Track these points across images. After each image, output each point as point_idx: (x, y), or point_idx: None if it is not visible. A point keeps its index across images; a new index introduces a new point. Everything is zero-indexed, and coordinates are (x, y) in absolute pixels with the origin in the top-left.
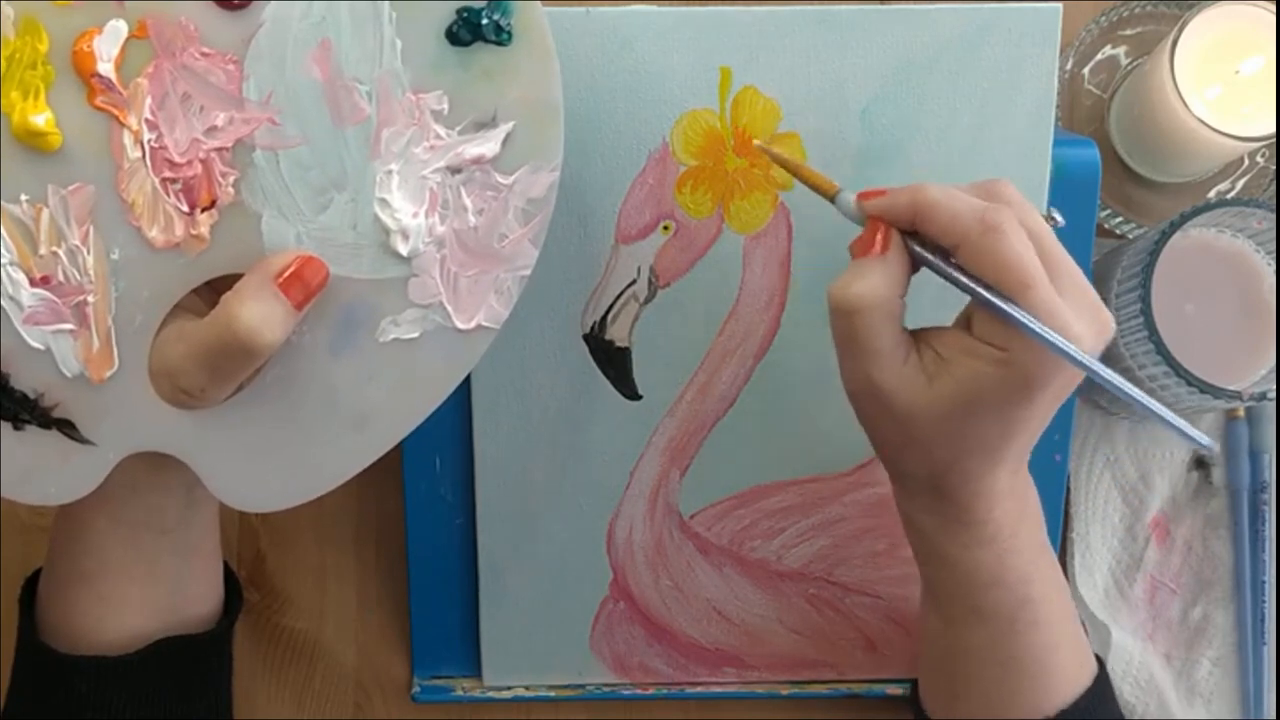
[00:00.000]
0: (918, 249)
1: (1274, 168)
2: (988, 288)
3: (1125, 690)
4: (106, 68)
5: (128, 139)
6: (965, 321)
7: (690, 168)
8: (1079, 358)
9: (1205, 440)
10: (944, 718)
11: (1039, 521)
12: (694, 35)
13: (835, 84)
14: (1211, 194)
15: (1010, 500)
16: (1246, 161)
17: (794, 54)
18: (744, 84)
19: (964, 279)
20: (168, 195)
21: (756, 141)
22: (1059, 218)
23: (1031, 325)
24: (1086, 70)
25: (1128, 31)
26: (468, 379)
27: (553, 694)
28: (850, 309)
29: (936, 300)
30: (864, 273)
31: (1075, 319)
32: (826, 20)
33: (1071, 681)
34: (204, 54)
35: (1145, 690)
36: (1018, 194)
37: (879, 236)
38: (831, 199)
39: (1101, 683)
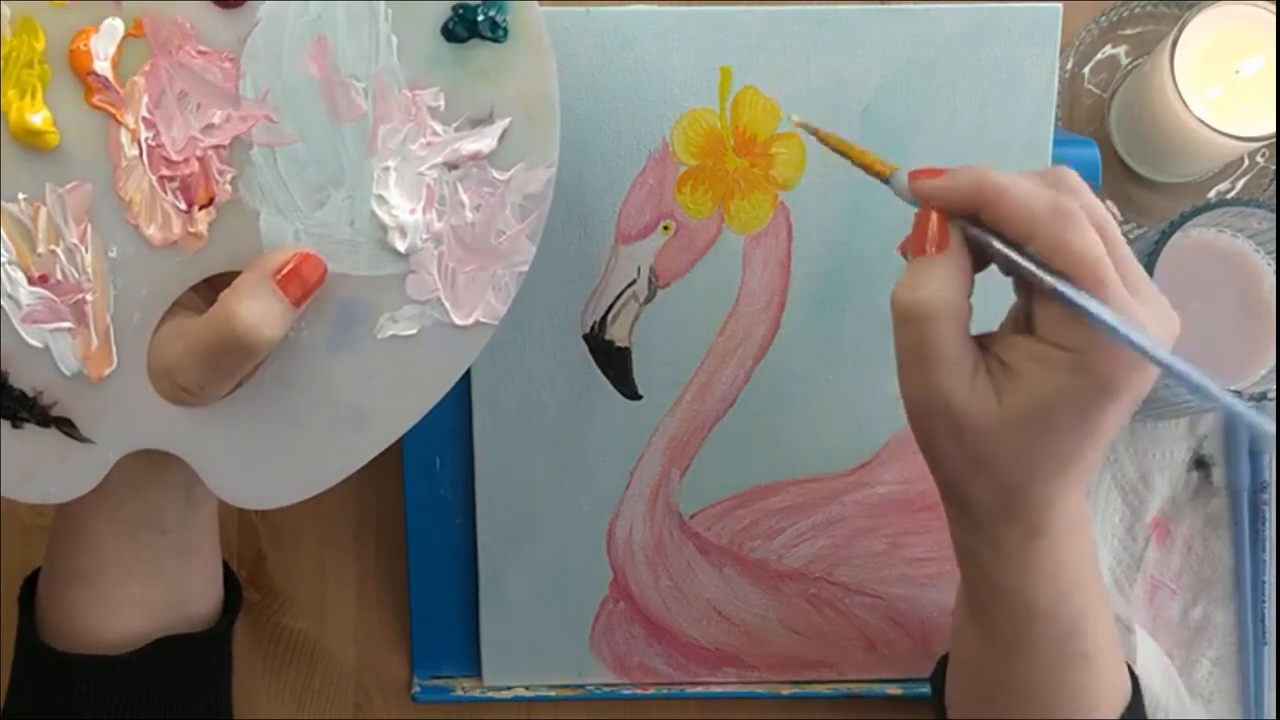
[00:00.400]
0: (987, 237)
1: (1274, 168)
2: (1064, 280)
3: (1154, 682)
4: (103, 66)
5: (125, 137)
6: (1022, 324)
7: (690, 168)
8: (1161, 356)
9: (1270, 426)
10: None
11: (1089, 540)
12: (694, 35)
13: (835, 84)
14: (1211, 194)
15: (1078, 531)
16: (1246, 161)
17: (794, 54)
18: (744, 84)
19: (1039, 272)
20: (165, 193)
21: (796, 117)
22: (1116, 211)
23: (1114, 323)
24: (1086, 70)
25: (1128, 31)
26: (468, 378)
27: (553, 694)
28: (921, 315)
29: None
30: (931, 273)
31: (1149, 318)
32: (827, 20)
33: (1108, 706)
34: (200, 52)
35: (1166, 681)
36: (1084, 184)
37: (935, 230)
38: (886, 180)
39: (1134, 708)
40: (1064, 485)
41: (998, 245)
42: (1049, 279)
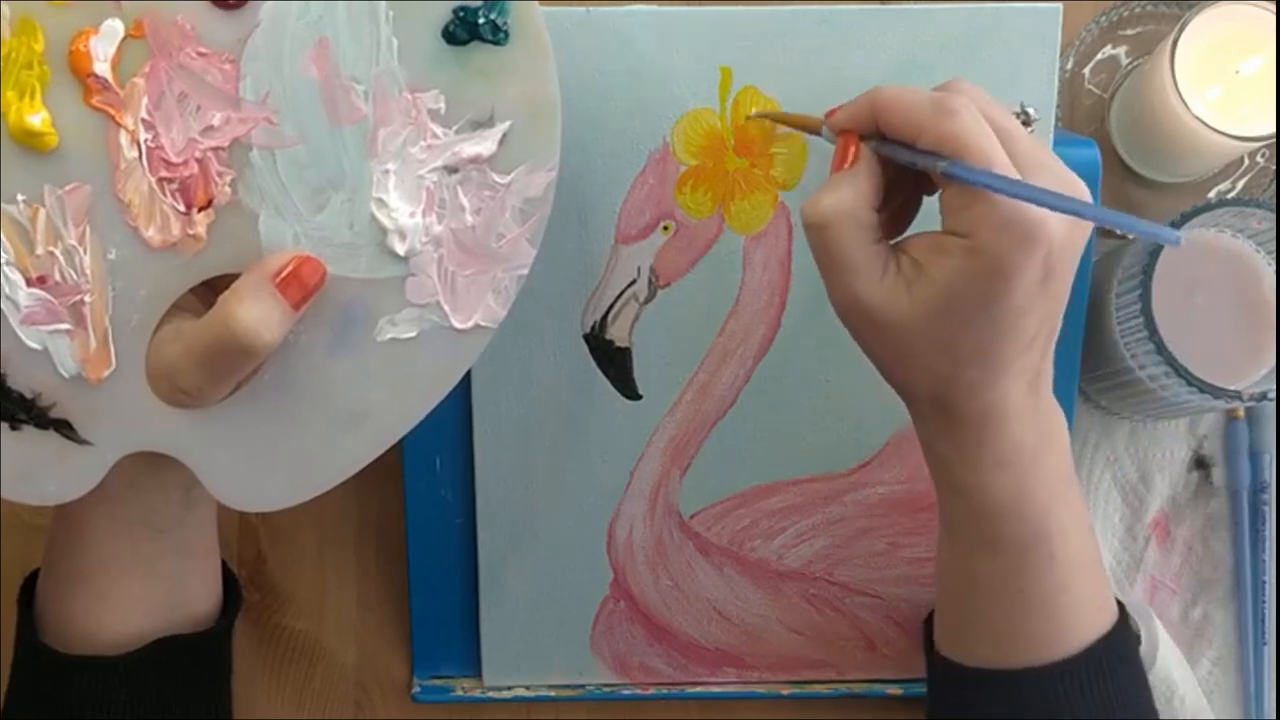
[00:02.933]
0: (883, 145)
1: (1274, 168)
2: (951, 160)
3: (1173, 670)
4: (103, 67)
5: (124, 139)
6: None
7: (690, 168)
8: (1046, 199)
9: (1171, 234)
10: (953, 652)
11: (1064, 453)
12: (694, 35)
13: (836, 84)
14: (1211, 194)
15: (1027, 422)
16: (1246, 161)
17: (794, 54)
18: (744, 84)
19: (928, 158)
20: (164, 195)
21: (755, 111)
22: (1033, 112)
23: (989, 181)
24: (1086, 70)
25: (1128, 31)
26: (468, 379)
27: (553, 694)
28: (820, 223)
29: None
30: (832, 187)
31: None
32: (827, 20)
33: (1085, 626)
34: (200, 53)
35: (1184, 672)
36: (978, 89)
37: (849, 150)
38: (819, 133)
39: (1119, 632)
40: (994, 372)
41: (895, 150)
42: (937, 161)
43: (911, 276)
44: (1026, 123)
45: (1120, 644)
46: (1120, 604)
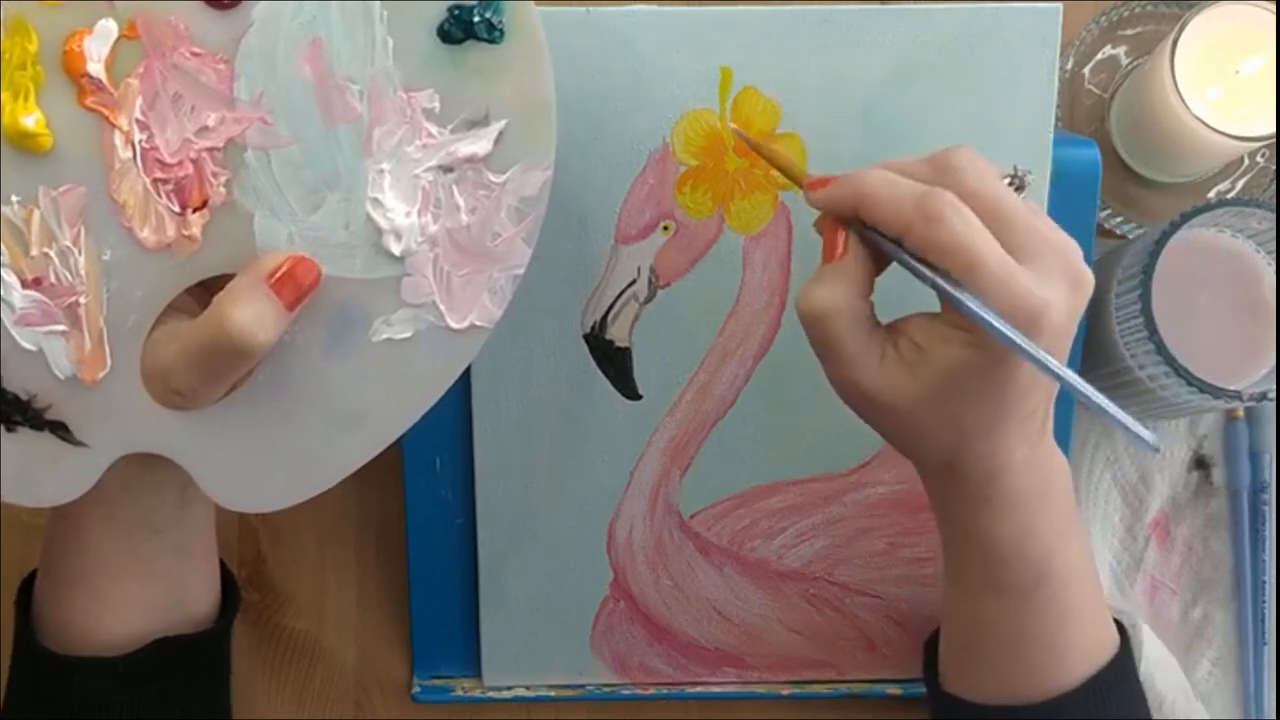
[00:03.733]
0: (875, 237)
1: (1274, 168)
2: (940, 274)
3: (1157, 679)
4: (96, 68)
5: (118, 139)
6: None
7: (690, 168)
8: (1016, 340)
9: (1150, 438)
10: (959, 689)
11: (1066, 494)
12: (694, 35)
13: (836, 84)
14: (1211, 194)
15: (1030, 475)
16: (1246, 161)
17: (794, 54)
18: (744, 84)
19: (916, 265)
20: (159, 196)
21: (733, 127)
22: (1021, 174)
23: (974, 309)
24: (1086, 70)
25: (1128, 31)
26: (468, 378)
27: (553, 694)
28: (814, 318)
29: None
30: (824, 279)
31: (1039, 283)
32: (827, 20)
33: (1088, 658)
34: (194, 53)
35: (1173, 680)
36: (970, 161)
37: (837, 240)
38: (799, 185)
39: (1121, 661)
40: (1000, 438)
41: (885, 244)
42: (922, 270)
43: (913, 359)
44: (1020, 186)
45: (1120, 672)
46: (1120, 626)
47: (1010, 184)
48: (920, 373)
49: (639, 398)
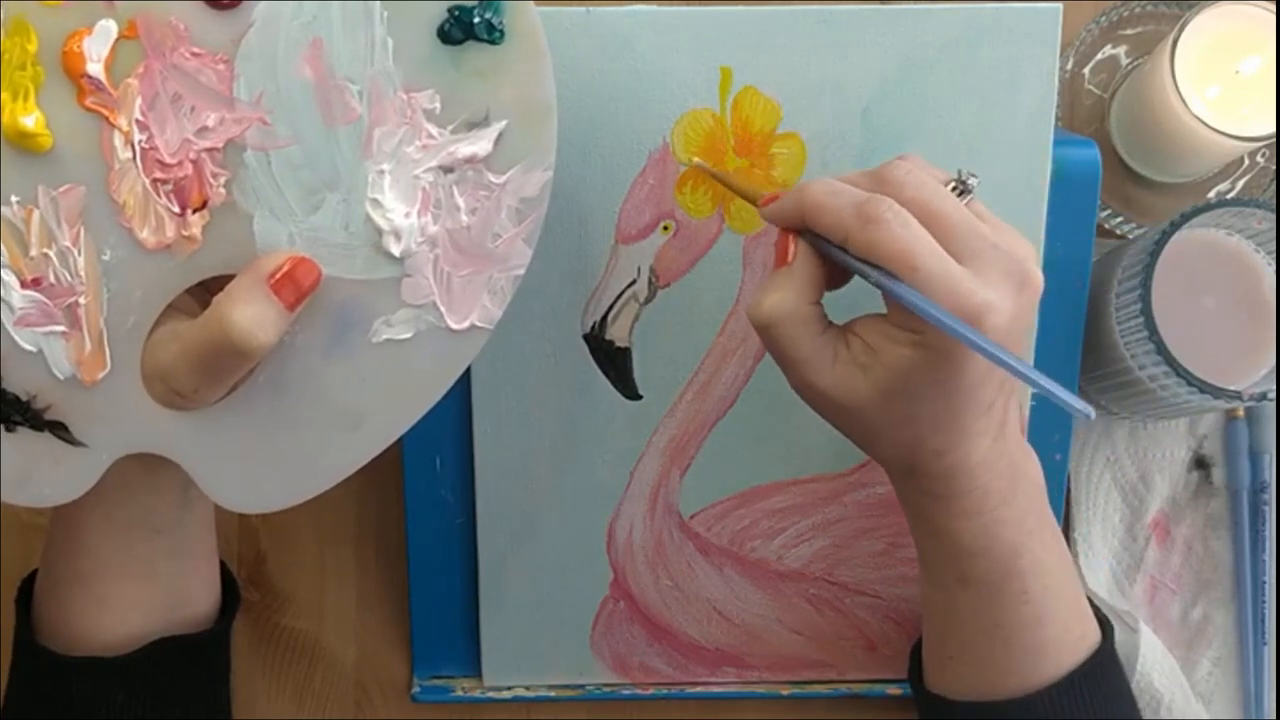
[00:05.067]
0: (821, 243)
1: (1274, 168)
2: (883, 273)
3: (1157, 679)
4: (96, 68)
5: (118, 140)
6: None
7: (690, 168)
8: (951, 323)
9: (1081, 406)
10: (940, 687)
11: (1035, 492)
12: (694, 35)
13: (835, 84)
14: (1211, 194)
15: (995, 469)
16: (1246, 161)
17: (794, 54)
18: (744, 84)
19: (862, 266)
20: (159, 196)
21: (695, 160)
22: (965, 177)
23: (913, 299)
24: (1086, 70)
25: (1128, 31)
26: (468, 379)
27: (553, 694)
28: (764, 324)
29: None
30: (773, 287)
31: (981, 284)
32: (827, 20)
33: (1065, 656)
34: (194, 54)
35: (1172, 680)
36: (910, 170)
37: (787, 247)
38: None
39: (1101, 656)
40: (956, 437)
41: (831, 250)
42: (870, 273)
43: (865, 361)
44: (963, 191)
45: (1100, 669)
46: (1104, 622)
47: (954, 189)
48: (873, 373)
49: (639, 398)
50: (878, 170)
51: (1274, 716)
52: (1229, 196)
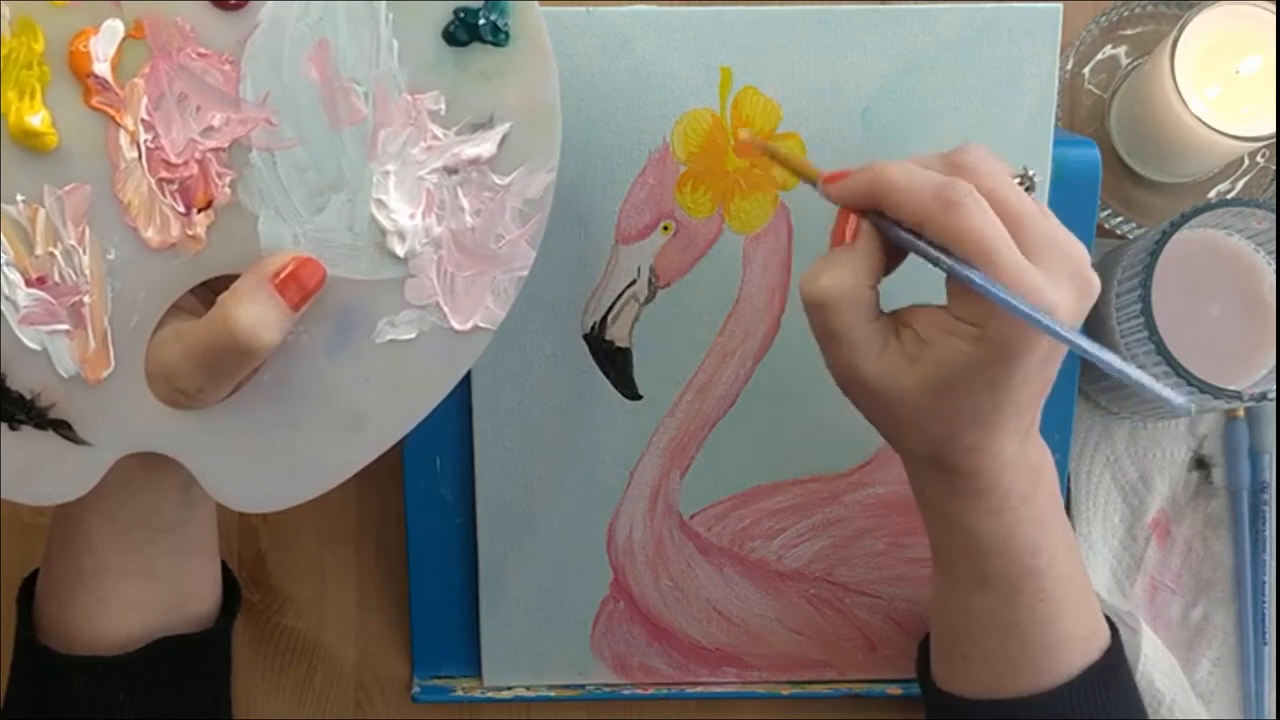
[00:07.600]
0: (888, 225)
1: (1274, 168)
2: (957, 260)
3: (1157, 679)
4: (103, 68)
5: (124, 139)
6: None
7: (690, 168)
8: (1044, 321)
9: (1182, 401)
10: (951, 685)
11: (1051, 490)
12: (694, 35)
13: (835, 84)
14: (1211, 194)
15: (1019, 468)
16: (1246, 161)
17: (794, 54)
18: (744, 84)
19: (933, 252)
20: (164, 196)
21: (744, 133)
22: (1032, 174)
23: (995, 291)
24: (1086, 70)
25: (1128, 31)
26: (468, 379)
27: (553, 694)
28: (818, 302)
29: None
30: (831, 264)
31: (1049, 283)
32: (827, 20)
33: (1078, 654)
34: (201, 54)
35: (1173, 680)
36: (984, 158)
37: (848, 226)
38: (814, 185)
39: (1112, 656)
40: (990, 435)
41: (900, 233)
42: (939, 256)
43: (914, 353)
44: (1030, 187)
45: (1112, 668)
46: (1111, 622)
47: (1020, 184)
48: (920, 365)
49: (639, 398)
50: (951, 155)
51: (1274, 717)
52: (1229, 196)
